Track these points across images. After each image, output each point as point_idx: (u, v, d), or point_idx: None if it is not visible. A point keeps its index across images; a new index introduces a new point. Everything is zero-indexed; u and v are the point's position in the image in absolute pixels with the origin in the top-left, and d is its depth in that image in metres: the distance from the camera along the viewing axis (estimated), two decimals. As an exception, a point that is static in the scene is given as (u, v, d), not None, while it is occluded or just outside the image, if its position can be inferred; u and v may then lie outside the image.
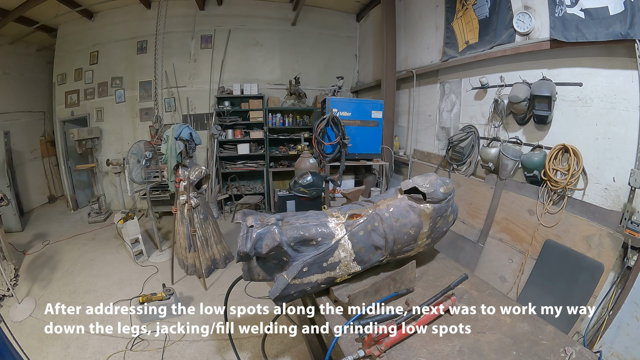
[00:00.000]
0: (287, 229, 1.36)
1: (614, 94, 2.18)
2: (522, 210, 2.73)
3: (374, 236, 1.42)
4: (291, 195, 3.27)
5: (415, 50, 4.55)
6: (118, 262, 4.26)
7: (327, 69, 6.68)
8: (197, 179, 3.60)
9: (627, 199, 2.08)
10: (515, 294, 2.62)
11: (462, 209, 3.33)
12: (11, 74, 6.15)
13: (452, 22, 3.64)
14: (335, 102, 4.18)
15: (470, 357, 1.13)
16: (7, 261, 3.86)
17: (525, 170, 2.71)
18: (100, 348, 2.67)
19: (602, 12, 2.10)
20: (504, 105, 2.91)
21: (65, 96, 6.23)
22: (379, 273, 1.57)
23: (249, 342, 2.75)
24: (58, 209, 6.58)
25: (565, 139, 2.47)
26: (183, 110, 6.23)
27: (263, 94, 6.23)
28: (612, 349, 2.06)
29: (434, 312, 1.29)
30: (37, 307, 3.28)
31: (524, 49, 2.72)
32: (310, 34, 6.58)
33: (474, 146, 3.35)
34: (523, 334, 1.23)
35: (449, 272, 1.70)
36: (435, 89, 4.08)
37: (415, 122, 4.60)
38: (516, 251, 2.74)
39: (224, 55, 6.22)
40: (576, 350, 1.13)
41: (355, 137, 4.15)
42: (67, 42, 6.15)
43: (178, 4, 5.87)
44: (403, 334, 1.18)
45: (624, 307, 2.02)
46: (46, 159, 6.86)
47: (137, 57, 6.08)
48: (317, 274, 1.36)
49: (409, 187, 1.52)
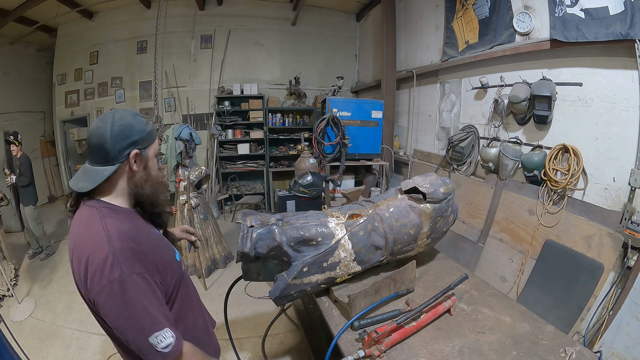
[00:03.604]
0: (287, 229, 1.36)
1: (614, 93, 2.18)
2: (522, 210, 2.73)
3: (374, 236, 1.42)
4: (291, 195, 3.27)
5: (415, 50, 4.55)
6: (118, 262, 4.26)
7: (327, 69, 6.68)
8: (197, 179, 3.60)
9: (627, 199, 2.08)
10: (516, 294, 2.62)
11: (462, 209, 3.33)
12: (11, 74, 6.15)
13: (452, 22, 3.63)
14: (335, 102, 4.18)
15: (470, 357, 1.13)
16: (7, 261, 3.87)
17: (525, 170, 2.71)
18: (100, 348, 2.67)
19: (602, 12, 2.10)
20: (504, 105, 2.91)
21: (65, 96, 6.23)
22: (379, 273, 1.57)
23: (249, 342, 2.74)
24: (58, 209, 6.58)
25: (565, 138, 2.47)
26: (183, 110, 6.23)
27: (263, 94, 6.23)
28: (612, 349, 2.06)
29: (434, 312, 1.29)
30: (37, 307, 3.28)
31: (524, 49, 2.71)
32: (310, 33, 6.58)
33: (474, 146, 3.35)
34: (523, 334, 1.23)
35: (449, 272, 1.70)
36: (435, 88, 4.08)
37: (415, 122, 4.60)
38: (516, 251, 2.74)
39: (223, 55, 6.21)
40: (576, 350, 1.13)
41: (355, 137, 4.15)
42: (67, 42, 6.15)
43: (178, 4, 5.87)
44: (403, 334, 1.18)
45: (624, 307, 2.02)
46: (46, 159, 6.86)
47: (137, 57, 6.08)
48: (317, 274, 1.36)
49: (409, 187, 1.52)
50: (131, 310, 0.82)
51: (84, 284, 0.86)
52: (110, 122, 0.92)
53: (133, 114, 0.98)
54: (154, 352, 0.83)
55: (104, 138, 0.91)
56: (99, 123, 0.93)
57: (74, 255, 0.90)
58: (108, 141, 0.90)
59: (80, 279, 0.87)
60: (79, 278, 0.88)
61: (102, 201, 0.95)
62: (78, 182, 0.95)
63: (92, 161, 0.94)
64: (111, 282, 0.81)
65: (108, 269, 0.82)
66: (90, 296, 0.85)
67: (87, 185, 0.93)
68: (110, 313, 0.83)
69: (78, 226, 0.92)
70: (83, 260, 0.85)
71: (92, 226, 0.89)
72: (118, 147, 0.91)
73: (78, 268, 0.87)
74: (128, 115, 0.96)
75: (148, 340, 0.82)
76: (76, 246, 0.90)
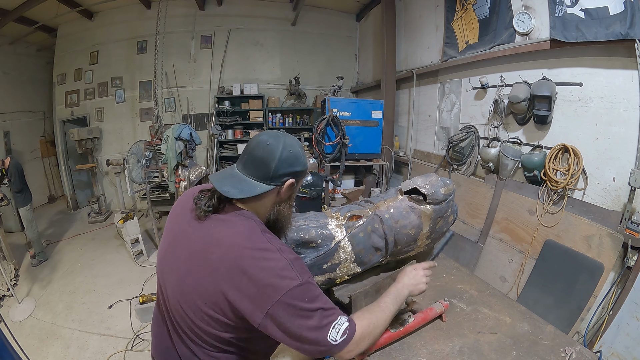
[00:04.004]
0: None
1: (614, 93, 2.18)
2: (522, 210, 2.73)
3: (374, 237, 1.42)
4: (291, 195, 3.27)
5: (415, 50, 4.55)
6: (118, 262, 4.27)
7: (327, 69, 6.68)
8: (197, 179, 3.60)
9: (627, 198, 2.08)
10: (516, 294, 2.62)
11: (462, 209, 3.33)
12: (11, 74, 6.15)
13: (452, 22, 3.63)
14: (335, 102, 4.18)
15: (470, 357, 1.13)
16: (7, 261, 3.87)
17: (525, 170, 2.71)
18: (100, 348, 2.67)
19: (602, 12, 2.10)
20: (504, 105, 2.91)
21: (65, 96, 6.23)
22: (379, 273, 1.58)
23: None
24: (58, 209, 6.58)
25: (565, 139, 2.47)
26: (183, 110, 6.23)
27: (263, 94, 6.23)
28: (612, 349, 2.06)
29: (424, 317, 1.27)
30: (37, 307, 3.28)
31: (524, 49, 2.71)
32: (311, 33, 6.58)
33: (474, 146, 3.35)
34: (523, 334, 1.24)
35: (449, 272, 1.70)
36: (435, 89, 4.08)
37: (415, 122, 4.60)
38: (516, 251, 2.74)
39: (224, 55, 6.21)
40: (576, 350, 1.13)
41: (355, 137, 4.15)
42: (67, 42, 6.15)
43: (178, 4, 5.87)
44: (389, 339, 1.17)
45: (624, 307, 2.02)
46: (46, 159, 6.86)
47: (137, 57, 6.08)
48: (316, 275, 1.36)
49: (410, 188, 1.52)
50: (309, 313, 0.83)
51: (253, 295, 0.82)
52: (282, 143, 0.91)
53: (301, 145, 0.99)
54: (332, 349, 0.85)
55: (273, 157, 0.90)
56: (270, 140, 0.92)
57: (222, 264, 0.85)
58: (275, 162, 0.90)
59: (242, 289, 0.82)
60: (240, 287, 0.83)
61: (255, 216, 0.93)
62: (223, 184, 0.91)
63: (248, 172, 0.92)
64: (290, 290, 0.81)
65: (287, 278, 0.82)
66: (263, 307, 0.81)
67: (235, 192, 0.90)
68: (286, 321, 0.82)
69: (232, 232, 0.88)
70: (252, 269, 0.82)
71: (255, 237, 0.87)
72: (281, 171, 0.91)
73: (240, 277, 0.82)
74: (298, 145, 0.96)
75: (327, 339, 0.83)
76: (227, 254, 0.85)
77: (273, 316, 0.81)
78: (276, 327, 0.82)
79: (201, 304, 0.86)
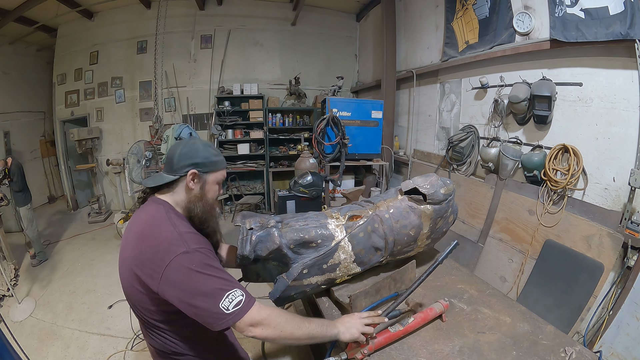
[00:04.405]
0: (287, 231, 1.35)
1: (614, 93, 2.18)
2: (522, 210, 2.73)
3: (374, 238, 1.42)
4: (291, 195, 3.27)
5: (415, 50, 4.55)
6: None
7: (327, 69, 6.68)
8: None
9: (627, 198, 2.08)
10: (516, 294, 2.62)
11: (462, 209, 3.33)
12: (11, 74, 6.15)
13: (452, 22, 3.63)
14: (335, 102, 4.18)
15: (470, 357, 1.13)
16: (7, 261, 3.87)
17: (525, 170, 2.71)
18: (100, 348, 2.67)
19: (602, 12, 2.10)
20: (504, 105, 2.91)
21: (65, 96, 6.23)
22: (379, 273, 1.57)
23: (249, 342, 2.74)
24: (58, 209, 6.58)
25: (565, 139, 2.47)
26: (183, 110, 6.23)
27: (263, 94, 6.23)
28: (612, 349, 2.06)
29: (424, 317, 1.27)
30: (37, 307, 3.28)
31: (523, 49, 2.71)
32: (310, 33, 6.58)
33: (474, 146, 3.35)
34: (523, 334, 1.23)
35: (449, 272, 1.70)
36: (435, 89, 4.08)
37: (415, 122, 4.60)
38: (516, 251, 2.74)
39: (223, 55, 6.21)
40: (576, 350, 1.13)
41: (355, 137, 4.15)
42: (67, 42, 6.15)
43: (178, 4, 5.87)
44: (389, 339, 1.17)
45: (624, 307, 2.02)
46: (46, 159, 6.86)
47: (137, 57, 6.08)
48: (317, 275, 1.36)
49: (409, 188, 1.52)
50: (199, 278, 0.93)
51: (148, 262, 0.96)
52: (183, 144, 1.17)
53: (206, 144, 1.19)
54: (225, 318, 0.92)
55: (174, 154, 1.14)
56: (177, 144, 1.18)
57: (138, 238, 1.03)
58: (176, 157, 1.13)
59: (142, 259, 0.98)
60: (141, 258, 0.99)
61: (168, 204, 1.12)
62: (148, 181, 1.20)
63: (164, 170, 1.17)
64: (177, 255, 0.94)
65: (175, 245, 0.95)
66: (157, 272, 0.94)
67: (149, 182, 1.17)
68: (178, 285, 0.93)
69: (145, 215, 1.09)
70: (149, 240, 0.99)
71: (158, 215, 1.05)
72: (182, 163, 1.12)
73: (140, 248, 0.99)
74: (199, 143, 1.18)
75: (219, 306, 0.91)
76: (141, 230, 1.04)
77: (167, 280, 0.93)
78: (172, 291, 0.94)
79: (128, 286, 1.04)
